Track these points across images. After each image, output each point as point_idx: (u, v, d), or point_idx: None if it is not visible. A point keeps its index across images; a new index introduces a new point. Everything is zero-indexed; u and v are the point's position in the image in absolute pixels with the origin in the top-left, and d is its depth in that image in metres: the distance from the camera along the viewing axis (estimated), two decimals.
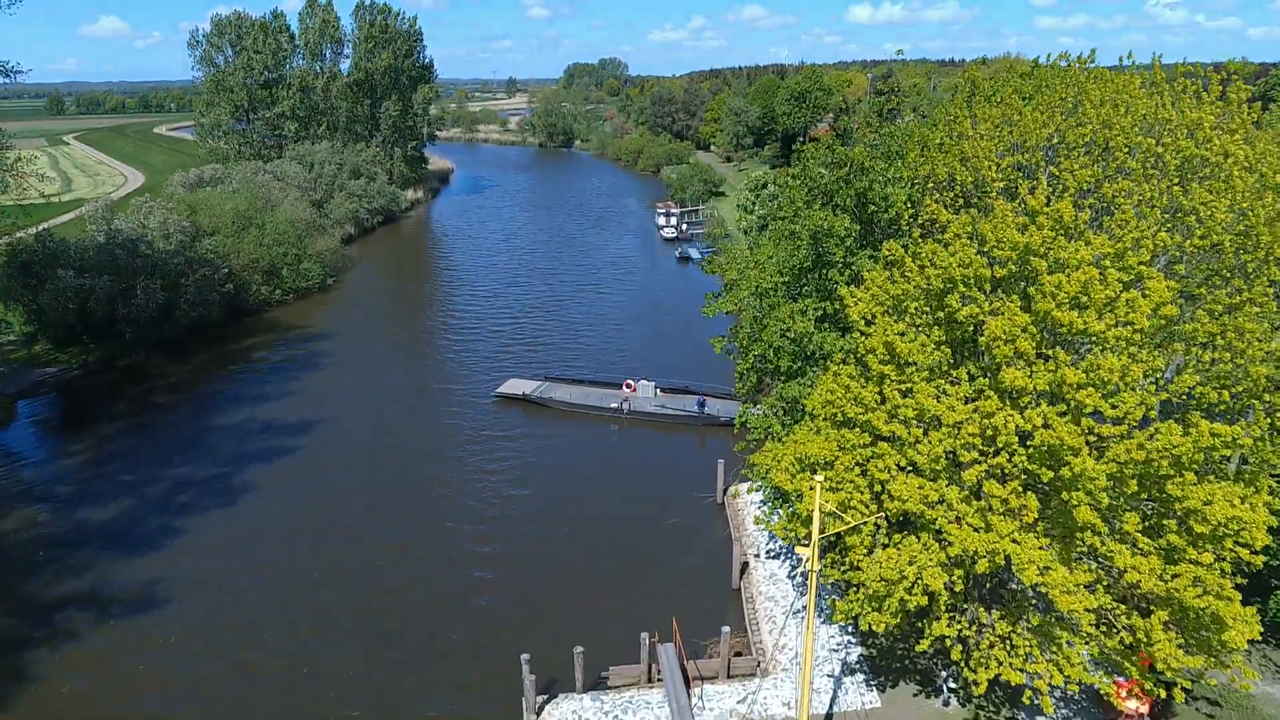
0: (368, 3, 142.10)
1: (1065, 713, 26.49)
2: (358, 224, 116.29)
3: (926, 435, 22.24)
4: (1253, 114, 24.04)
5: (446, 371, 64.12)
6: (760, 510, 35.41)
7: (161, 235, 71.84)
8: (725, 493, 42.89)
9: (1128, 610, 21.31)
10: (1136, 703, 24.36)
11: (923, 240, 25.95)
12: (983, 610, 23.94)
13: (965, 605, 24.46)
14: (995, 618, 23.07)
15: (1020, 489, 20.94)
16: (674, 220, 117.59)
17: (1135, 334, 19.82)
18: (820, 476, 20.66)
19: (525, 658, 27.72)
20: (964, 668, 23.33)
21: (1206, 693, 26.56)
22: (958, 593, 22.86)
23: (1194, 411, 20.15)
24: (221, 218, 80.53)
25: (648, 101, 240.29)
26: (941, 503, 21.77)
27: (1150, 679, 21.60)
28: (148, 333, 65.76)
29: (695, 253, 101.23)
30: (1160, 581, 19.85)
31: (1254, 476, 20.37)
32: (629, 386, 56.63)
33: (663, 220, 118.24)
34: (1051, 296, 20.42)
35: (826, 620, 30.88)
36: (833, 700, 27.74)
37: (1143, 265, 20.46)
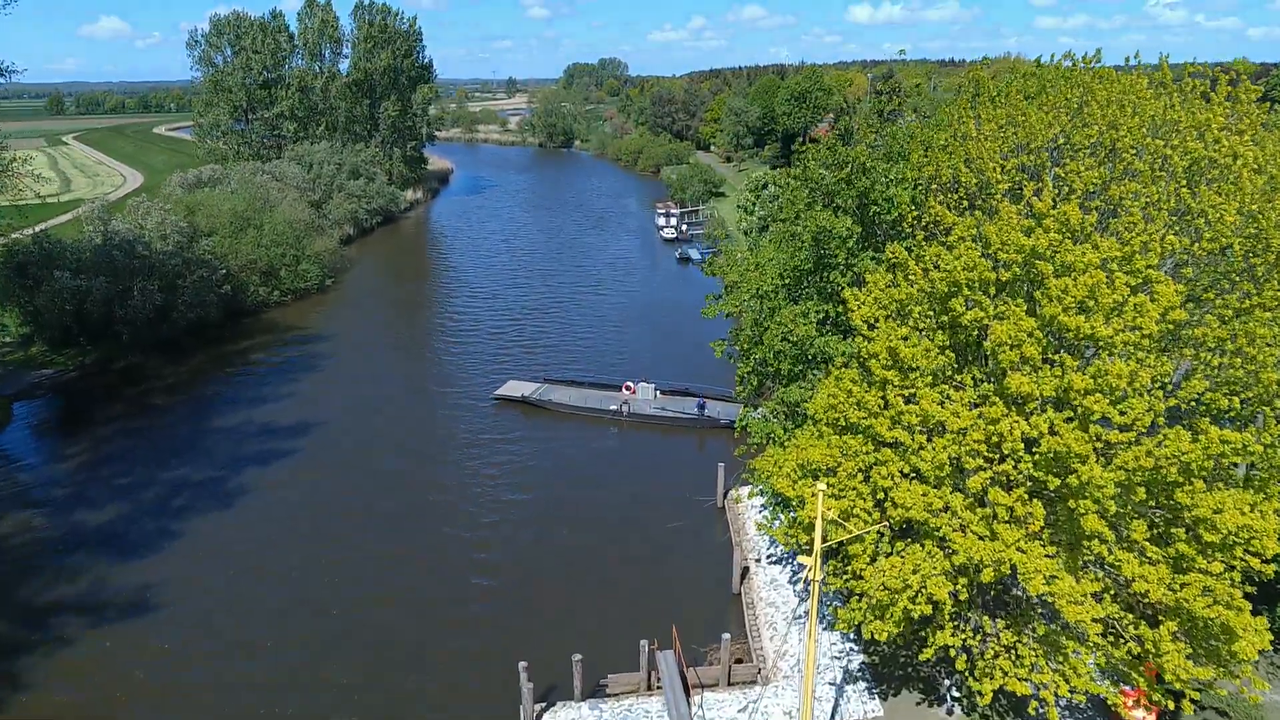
0: (367, 2, 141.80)
1: None
2: (357, 224, 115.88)
3: (930, 442, 21.88)
4: (1262, 114, 23.68)
5: (445, 373, 63.77)
6: (761, 516, 35.06)
7: (159, 236, 71.39)
8: (725, 496, 42.52)
9: (1135, 619, 20.96)
10: (1144, 712, 23.96)
11: (926, 243, 25.57)
12: (986, 619, 23.57)
13: (969, 613, 24.10)
14: (1000, 627, 22.71)
15: (1026, 496, 20.58)
16: (674, 221, 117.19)
17: (1144, 339, 19.47)
18: (822, 484, 20.31)
19: (523, 665, 27.39)
20: (969, 678, 22.98)
21: (1214, 702, 26.17)
22: (962, 601, 22.50)
23: (1203, 418, 19.78)
24: (219, 218, 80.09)
25: (648, 101, 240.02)
26: (946, 510, 21.41)
27: (1159, 690, 21.24)
28: (145, 334, 65.46)
29: (695, 253, 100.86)
30: (1169, 591, 19.49)
31: (1264, 484, 19.99)
32: (628, 388, 56.25)
33: (662, 221, 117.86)
34: (1058, 301, 20.08)
35: (828, 627, 30.51)
36: (835, 708, 27.38)
37: (1150, 269, 20.11)
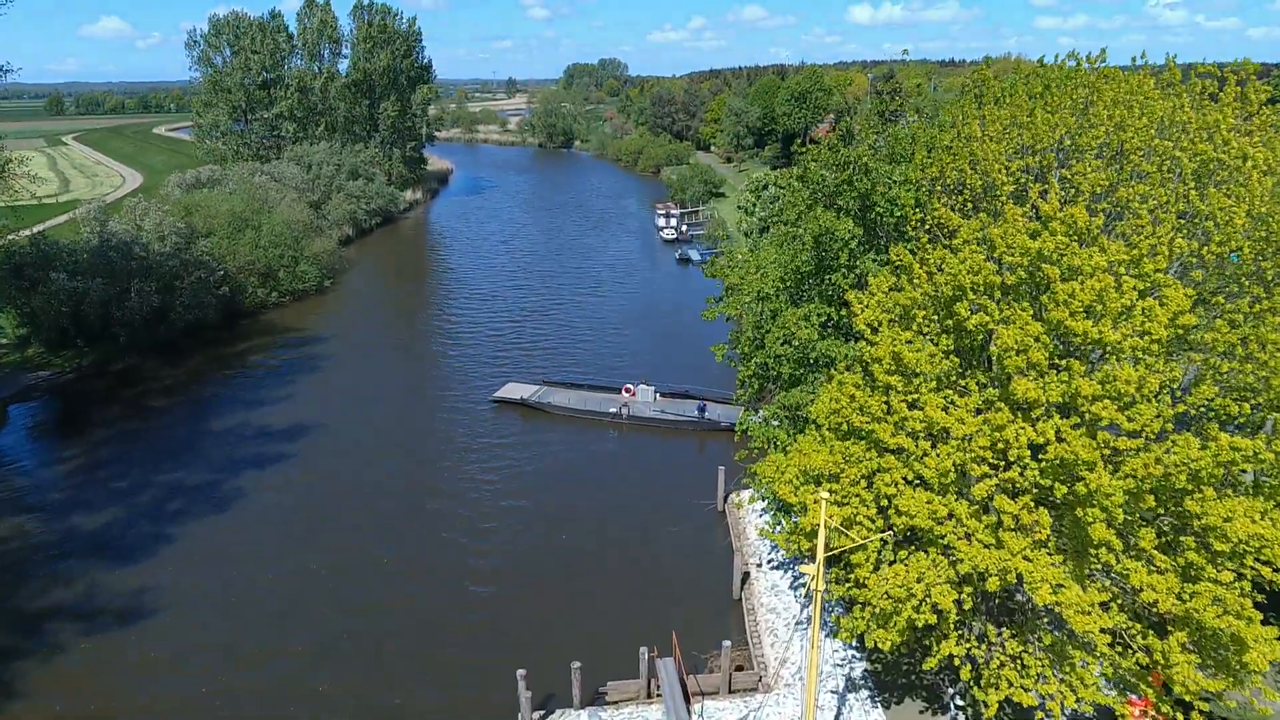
0: (366, 2, 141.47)
1: None
2: (356, 225, 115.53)
3: (934, 448, 21.50)
4: (1272, 115, 23.29)
5: (444, 375, 63.42)
6: (763, 521, 34.73)
7: (156, 237, 71.11)
8: (726, 500, 42.15)
9: (1143, 629, 20.58)
10: None
11: (931, 246, 25.18)
12: (991, 627, 23.21)
13: (973, 621, 23.73)
14: (1006, 636, 22.34)
15: (1032, 504, 20.21)
16: (674, 221, 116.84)
17: (1153, 344, 19.10)
18: (825, 493, 19.93)
19: (521, 673, 27.08)
20: (974, 687, 22.62)
21: (1223, 712, 25.74)
22: (966, 610, 22.13)
23: (1212, 424, 19.42)
24: (217, 219, 79.77)
25: (648, 102, 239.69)
26: (951, 518, 21.04)
27: (1168, 702, 20.87)
28: (142, 336, 65.19)
29: (695, 254, 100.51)
30: (1178, 601, 19.12)
31: (1275, 491, 19.60)
32: (628, 391, 55.89)
33: (663, 221, 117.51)
34: (1065, 305, 19.69)
35: (830, 634, 30.14)
36: (837, 717, 27.03)
37: (1159, 273, 19.74)
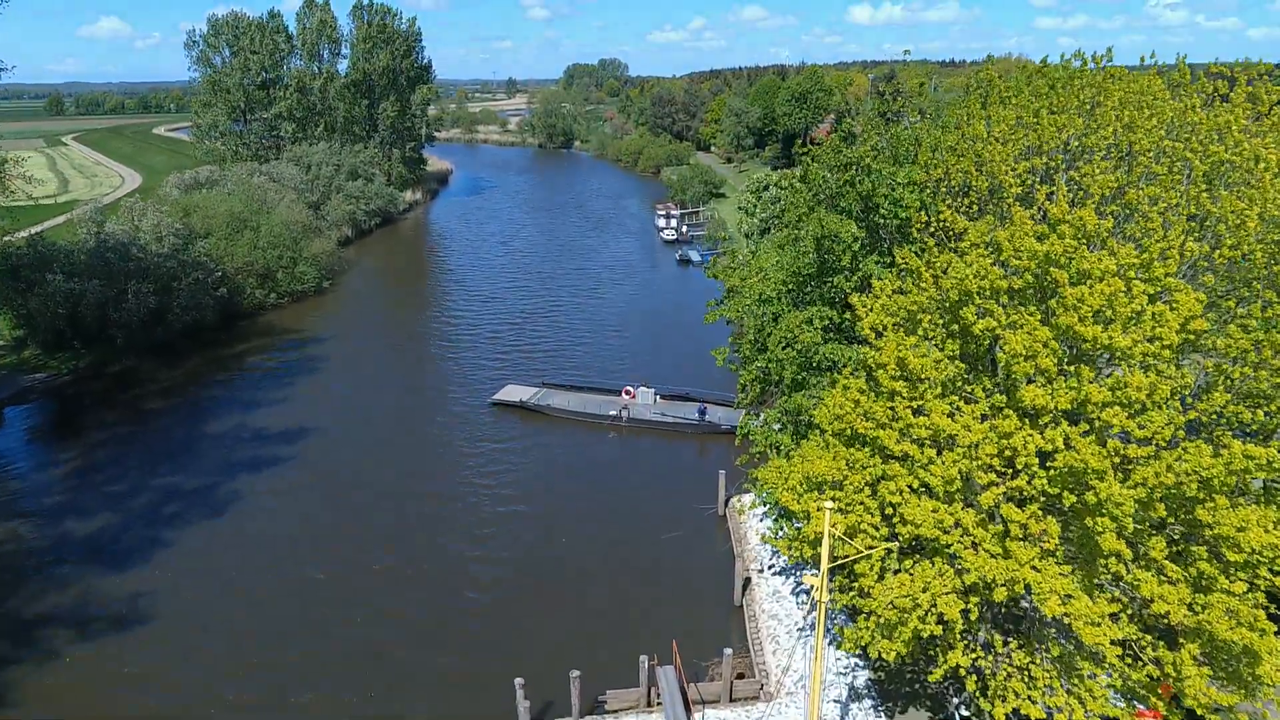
0: (365, 3, 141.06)
1: None
2: (355, 226, 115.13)
3: (940, 456, 21.09)
4: None
5: (443, 377, 63.02)
6: (764, 526, 34.33)
7: (154, 238, 70.72)
8: (727, 504, 41.76)
9: (1153, 640, 20.18)
10: None
11: (937, 249, 24.76)
12: (998, 637, 22.80)
13: (978, 631, 23.32)
14: (1013, 647, 21.93)
15: (1040, 513, 19.81)
16: (674, 222, 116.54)
17: (1164, 349, 18.69)
18: (830, 503, 19.53)
19: (519, 682, 26.74)
20: (979, 698, 22.21)
21: None
22: (973, 620, 21.72)
23: (1225, 431, 19.00)
24: (215, 220, 79.41)
25: (648, 102, 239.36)
26: (957, 527, 20.63)
27: (1178, 715, 20.45)
28: (139, 337, 64.79)
29: (696, 255, 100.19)
30: (1190, 612, 18.71)
31: None
32: (628, 393, 55.50)
33: (663, 222, 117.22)
34: (1074, 310, 19.28)
35: (833, 643, 29.74)
36: None
37: (1169, 277, 19.34)
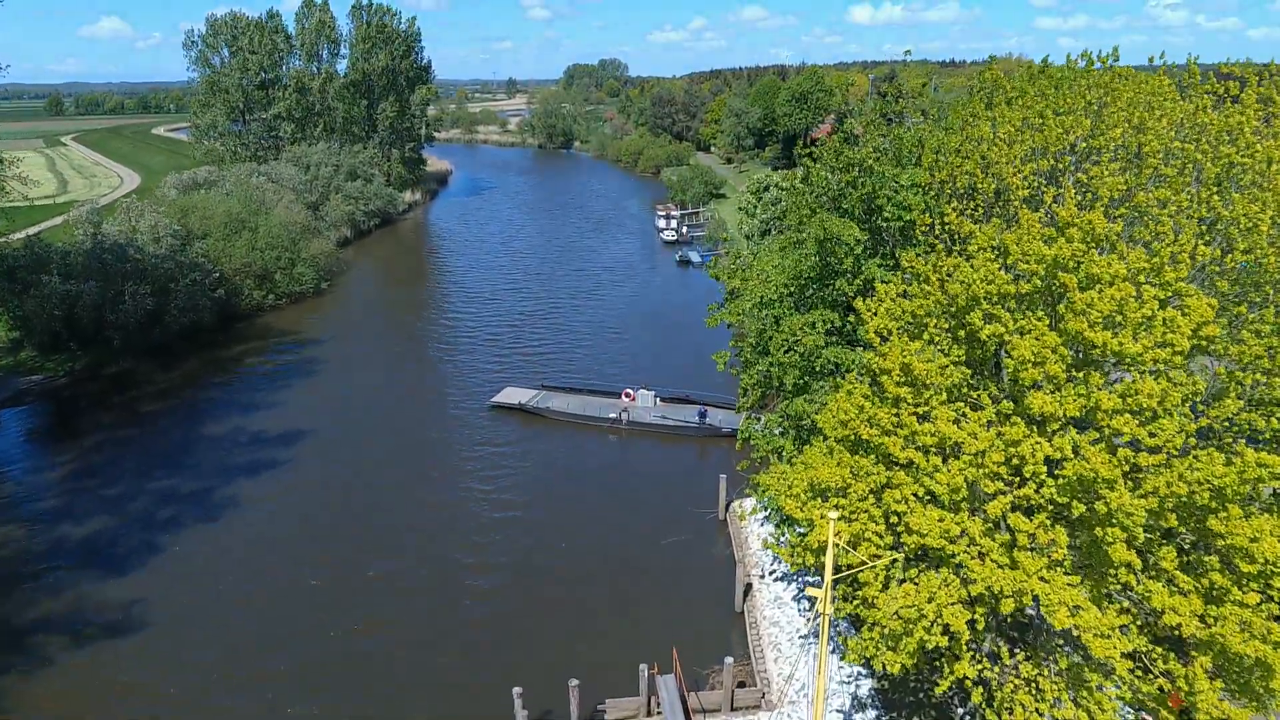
0: (365, 3, 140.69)
1: None
2: (354, 227, 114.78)
3: (946, 463, 20.68)
4: None
5: (441, 379, 62.63)
6: (765, 531, 33.90)
7: (151, 239, 70.34)
8: (727, 509, 41.36)
9: (1164, 653, 19.77)
10: None
11: (945, 254, 24.32)
12: (1005, 648, 22.40)
13: (984, 641, 22.91)
14: (1020, 658, 21.52)
15: (1048, 523, 19.40)
16: (674, 223, 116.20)
17: (1175, 356, 18.28)
18: (834, 512, 19.12)
19: (517, 691, 26.38)
20: (986, 709, 21.79)
21: None
22: (979, 630, 21.31)
23: (1239, 439, 18.59)
24: (213, 221, 79.00)
25: (648, 102, 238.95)
26: (963, 536, 20.22)
27: None
28: (136, 339, 64.38)
29: (696, 256, 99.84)
30: (1201, 624, 18.30)
31: None
32: (628, 396, 55.09)
33: (663, 223, 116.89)
34: (1083, 315, 18.88)
35: (836, 652, 29.32)
36: None
37: (1181, 282, 18.93)
